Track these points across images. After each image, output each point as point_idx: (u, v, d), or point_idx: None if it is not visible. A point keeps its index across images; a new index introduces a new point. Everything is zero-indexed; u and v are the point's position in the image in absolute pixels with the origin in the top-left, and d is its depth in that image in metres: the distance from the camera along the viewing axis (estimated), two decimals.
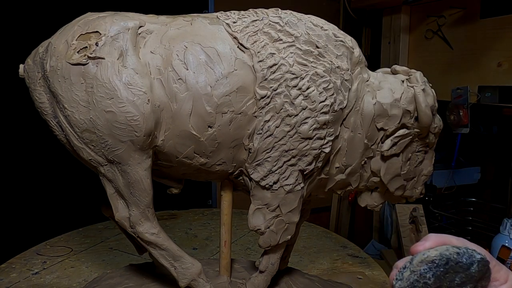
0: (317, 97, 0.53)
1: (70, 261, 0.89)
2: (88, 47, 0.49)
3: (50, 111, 0.53)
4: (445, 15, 1.51)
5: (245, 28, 0.54)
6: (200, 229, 1.11)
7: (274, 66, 0.52)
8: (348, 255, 0.96)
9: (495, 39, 1.35)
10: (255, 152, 0.54)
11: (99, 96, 0.49)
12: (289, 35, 0.54)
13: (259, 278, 0.61)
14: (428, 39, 1.58)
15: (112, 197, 0.55)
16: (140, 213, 0.54)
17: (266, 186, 0.55)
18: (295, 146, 0.54)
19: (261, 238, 0.58)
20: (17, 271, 0.83)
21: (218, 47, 0.52)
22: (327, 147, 0.55)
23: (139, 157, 0.51)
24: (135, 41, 0.51)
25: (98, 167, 0.53)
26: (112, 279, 0.66)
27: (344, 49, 0.56)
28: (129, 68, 0.50)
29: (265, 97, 0.52)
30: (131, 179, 0.52)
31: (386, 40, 1.72)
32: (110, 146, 0.50)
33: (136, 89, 0.49)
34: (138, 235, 0.55)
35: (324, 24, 0.56)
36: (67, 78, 0.49)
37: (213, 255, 0.94)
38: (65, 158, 0.65)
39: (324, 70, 0.53)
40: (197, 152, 0.53)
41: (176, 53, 0.51)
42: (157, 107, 0.50)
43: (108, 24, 0.51)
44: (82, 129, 0.50)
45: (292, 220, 0.58)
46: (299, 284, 0.67)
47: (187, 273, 0.58)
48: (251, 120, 0.53)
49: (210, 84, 0.51)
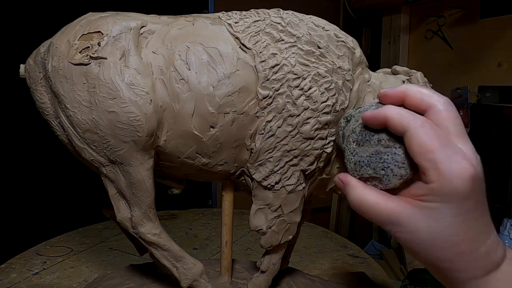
0: (319, 97, 0.53)
1: (70, 261, 0.89)
2: (90, 47, 0.49)
3: (52, 111, 0.53)
4: (445, 15, 1.51)
5: (247, 29, 0.54)
6: (200, 229, 1.11)
7: (276, 67, 0.52)
8: (348, 255, 0.96)
9: (495, 39, 1.36)
10: (257, 152, 0.54)
11: (102, 96, 0.49)
12: (291, 35, 0.54)
13: (260, 278, 0.61)
14: (428, 39, 1.59)
15: (114, 197, 0.55)
16: (142, 214, 0.54)
17: (268, 186, 0.55)
18: (297, 146, 0.54)
19: (262, 238, 0.58)
20: (17, 271, 0.83)
21: (220, 48, 0.52)
22: (329, 147, 0.55)
23: (141, 158, 0.51)
24: (137, 41, 0.51)
25: (100, 168, 0.53)
26: (113, 280, 0.66)
27: (345, 49, 0.56)
28: (132, 68, 0.49)
29: (267, 97, 0.52)
30: (133, 179, 0.52)
31: (386, 40, 1.73)
32: (112, 146, 0.50)
33: (139, 89, 0.49)
34: (140, 235, 0.55)
35: (325, 25, 0.56)
36: (69, 78, 0.49)
37: (214, 255, 0.94)
38: (65, 158, 0.65)
39: (325, 71, 0.53)
40: (199, 152, 0.53)
41: (178, 53, 0.51)
42: (160, 107, 0.50)
43: (110, 24, 0.51)
44: (84, 129, 0.50)
45: (293, 220, 0.58)
46: (300, 284, 0.67)
47: (189, 274, 0.57)
48: (253, 120, 0.53)
49: (212, 84, 0.51)
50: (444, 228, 0.31)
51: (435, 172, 0.30)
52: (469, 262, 0.32)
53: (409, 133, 0.31)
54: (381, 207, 0.33)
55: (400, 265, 1.53)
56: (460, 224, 0.31)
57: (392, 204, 0.33)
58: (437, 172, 0.30)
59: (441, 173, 0.30)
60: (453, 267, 0.32)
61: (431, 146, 0.30)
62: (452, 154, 0.30)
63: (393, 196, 0.34)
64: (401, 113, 0.32)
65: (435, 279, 0.35)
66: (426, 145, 0.31)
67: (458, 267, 0.32)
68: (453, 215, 0.31)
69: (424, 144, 0.31)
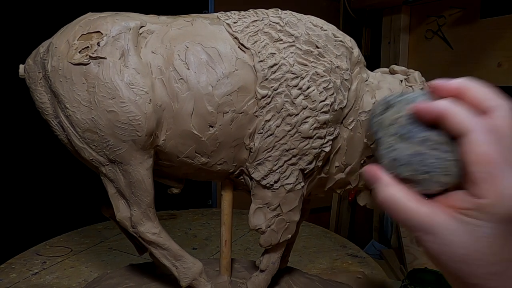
0: (317, 97, 0.53)
1: (69, 261, 0.89)
2: (90, 47, 0.50)
3: (51, 111, 0.53)
4: (445, 15, 1.51)
5: (245, 28, 0.54)
6: (199, 229, 1.11)
7: (275, 66, 0.52)
8: (347, 254, 0.96)
9: (495, 39, 1.36)
10: (256, 152, 0.54)
11: (101, 96, 0.49)
12: (289, 35, 0.54)
13: (259, 278, 0.61)
14: (428, 39, 1.59)
15: (113, 197, 0.55)
16: (141, 213, 0.54)
17: (267, 185, 0.55)
18: (296, 145, 0.54)
19: (262, 237, 0.58)
20: (16, 272, 0.83)
21: (219, 47, 0.52)
22: (327, 146, 0.55)
23: (140, 157, 0.51)
24: (136, 41, 0.51)
25: (99, 167, 0.53)
26: (112, 279, 0.67)
27: (343, 49, 0.56)
28: (131, 68, 0.50)
29: (266, 96, 0.52)
30: (133, 179, 0.52)
31: (386, 40, 1.73)
32: (111, 146, 0.50)
33: (138, 89, 0.49)
34: (140, 235, 0.55)
35: (323, 24, 0.57)
36: (69, 78, 0.50)
37: (213, 254, 0.95)
38: (65, 158, 0.65)
39: (324, 70, 0.54)
40: (198, 151, 0.54)
41: (177, 53, 0.52)
42: (159, 106, 0.51)
43: (110, 24, 0.51)
44: (84, 129, 0.50)
45: (292, 219, 0.58)
46: (299, 283, 0.67)
47: (188, 273, 0.58)
48: (252, 119, 0.53)
49: (211, 84, 0.51)
50: (483, 247, 0.28)
51: (490, 187, 0.27)
52: (504, 281, 0.29)
53: (469, 137, 0.28)
54: (414, 210, 0.30)
55: (400, 265, 1.52)
56: (501, 245, 0.28)
57: (427, 210, 0.30)
58: (492, 188, 0.27)
59: (497, 190, 0.27)
60: (484, 285, 0.29)
61: (492, 157, 0.27)
62: (510, 170, 0.27)
63: (430, 201, 0.31)
64: (464, 112, 0.29)
65: (435, 279, 0.34)
66: (486, 155, 0.27)
67: (489, 285, 0.29)
68: (496, 236, 0.28)
69: (485, 154, 0.28)
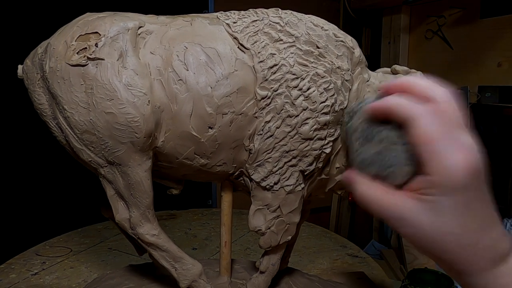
0: (317, 98, 0.53)
1: (69, 261, 0.89)
2: (88, 48, 0.49)
3: (50, 112, 0.53)
4: (445, 15, 1.51)
5: (245, 29, 0.54)
6: (199, 229, 1.10)
7: (275, 67, 0.52)
8: (347, 255, 0.95)
9: (495, 39, 1.36)
10: (255, 153, 0.54)
11: (99, 97, 0.48)
12: (290, 35, 0.54)
13: (259, 279, 0.61)
14: (428, 39, 1.58)
15: (112, 198, 0.54)
16: (140, 215, 0.54)
17: (266, 186, 0.55)
18: (296, 146, 0.53)
19: (261, 239, 0.58)
20: (16, 272, 0.83)
21: (219, 48, 0.52)
22: (328, 148, 0.55)
23: (139, 159, 0.51)
24: (134, 42, 0.51)
25: (98, 169, 0.53)
26: (112, 280, 0.66)
27: (344, 49, 0.56)
28: (129, 69, 0.49)
29: (265, 97, 0.52)
30: (132, 180, 0.52)
31: (386, 40, 1.73)
32: (110, 147, 0.50)
33: (136, 90, 0.49)
34: (139, 236, 0.55)
35: (324, 24, 0.56)
36: (67, 79, 0.49)
37: (213, 255, 0.94)
38: (64, 159, 0.65)
39: (324, 71, 0.53)
40: (197, 153, 0.53)
41: (176, 53, 0.51)
42: (158, 108, 0.50)
43: (108, 24, 0.51)
44: (82, 131, 0.50)
45: (293, 220, 0.58)
46: (299, 284, 0.67)
47: (188, 274, 0.57)
48: (251, 120, 0.53)
49: (210, 85, 0.51)
50: (446, 221, 0.31)
51: (435, 163, 0.30)
52: (474, 254, 0.32)
53: (414, 122, 0.31)
54: (384, 202, 0.33)
55: (400, 265, 1.52)
56: (461, 216, 0.31)
57: (394, 199, 0.33)
58: (436, 164, 0.30)
59: (440, 164, 0.30)
60: (458, 259, 0.32)
61: (432, 136, 0.30)
62: (451, 145, 0.30)
63: (397, 191, 0.34)
64: (405, 102, 0.32)
65: (435, 279, 0.34)
66: (427, 135, 0.30)
67: (463, 259, 0.32)
68: (453, 207, 0.30)
69: (426, 134, 0.30)
